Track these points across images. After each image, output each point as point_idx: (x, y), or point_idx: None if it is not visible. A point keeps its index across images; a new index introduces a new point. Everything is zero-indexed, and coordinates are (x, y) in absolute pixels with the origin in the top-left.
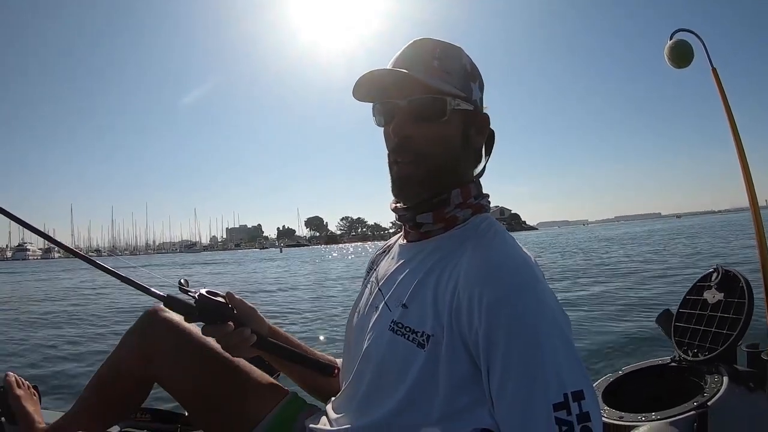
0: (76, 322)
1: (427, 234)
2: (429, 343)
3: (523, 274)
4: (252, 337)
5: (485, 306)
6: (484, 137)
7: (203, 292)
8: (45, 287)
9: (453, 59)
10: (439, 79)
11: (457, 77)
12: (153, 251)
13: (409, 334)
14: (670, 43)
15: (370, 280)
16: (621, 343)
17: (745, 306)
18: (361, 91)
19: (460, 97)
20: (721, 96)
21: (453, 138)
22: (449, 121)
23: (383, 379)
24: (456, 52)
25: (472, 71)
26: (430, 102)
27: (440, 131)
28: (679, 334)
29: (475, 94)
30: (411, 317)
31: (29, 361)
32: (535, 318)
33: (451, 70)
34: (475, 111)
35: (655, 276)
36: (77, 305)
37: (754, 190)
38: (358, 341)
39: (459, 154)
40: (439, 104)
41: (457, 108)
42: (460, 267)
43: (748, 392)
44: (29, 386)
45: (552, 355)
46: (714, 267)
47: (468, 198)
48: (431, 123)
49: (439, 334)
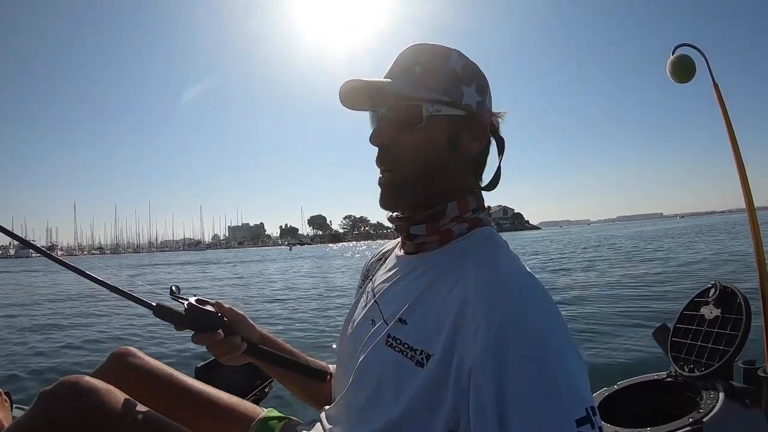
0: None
1: (422, 246)
2: (428, 363)
3: (531, 292)
4: (242, 345)
5: (492, 326)
6: (481, 143)
7: (192, 300)
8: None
9: (438, 63)
10: (417, 85)
11: (442, 81)
12: (155, 249)
13: (408, 351)
14: (672, 58)
15: (366, 290)
16: (616, 357)
17: (743, 322)
18: (346, 101)
19: (441, 102)
20: (722, 111)
21: (433, 144)
22: (427, 127)
23: (378, 395)
24: (444, 55)
25: (465, 74)
26: (403, 109)
27: (417, 138)
28: (676, 350)
29: (468, 98)
30: (409, 334)
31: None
32: (549, 334)
33: (434, 75)
34: (468, 116)
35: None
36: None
37: (752, 201)
38: (352, 353)
39: (445, 161)
40: (413, 111)
41: (437, 114)
42: (464, 285)
43: (744, 409)
44: (0, 392)
45: (570, 372)
46: (712, 282)
47: (465, 212)
48: (408, 130)
49: (440, 354)
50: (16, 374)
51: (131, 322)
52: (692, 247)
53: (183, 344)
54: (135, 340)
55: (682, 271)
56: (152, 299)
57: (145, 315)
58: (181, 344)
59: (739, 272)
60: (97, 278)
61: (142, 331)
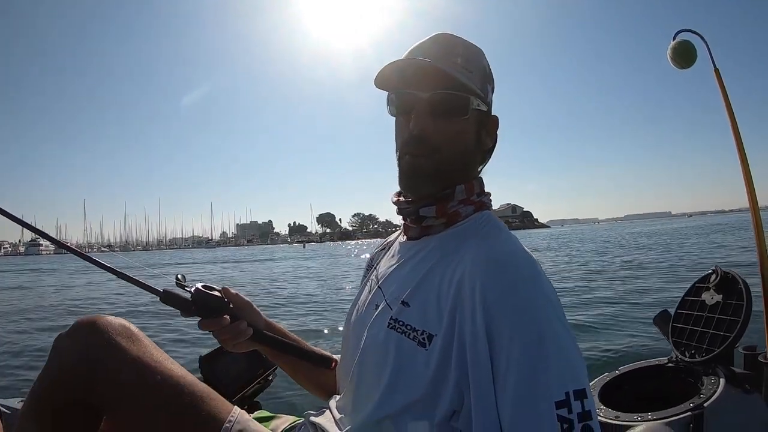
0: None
1: (428, 229)
2: (431, 343)
3: (526, 270)
4: (248, 331)
5: (488, 301)
6: (493, 140)
7: (199, 286)
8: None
9: (475, 58)
10: (465, 75)
11: (478, 77)
12: (165, 246)
13: (410, 332)
14: (673, 44)
15: (370, 278)
16: (618, 343)
17: (744, 308)
18: (383, 79)
19: (480, 96)
20: (723, 96)
21: (468, 137)
22: (469, 119)
23: (383, 377)
24: (478, 51)
25: (490, 73)
26: (453, 98)
27: (458, 129)
28: (677, 335)
29: (489, 97)
30: (412, 315)
31: None
32: (539, 313)
33: (473, 69)
34: (488, 113)
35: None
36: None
37: (754, 188)
38: (356, 339)
39: (471, 153)
40: (462, 101)
41: (476, 108)
42: (463, 265)
43: (745, 394)
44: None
45: (556, 352)
46: (713, 268)
47: (471, 194)
48: (451, 119)
49: (442, 333)
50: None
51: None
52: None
53: (188, 347)
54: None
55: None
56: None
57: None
58: (186, 346)
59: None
60: (105, 264)
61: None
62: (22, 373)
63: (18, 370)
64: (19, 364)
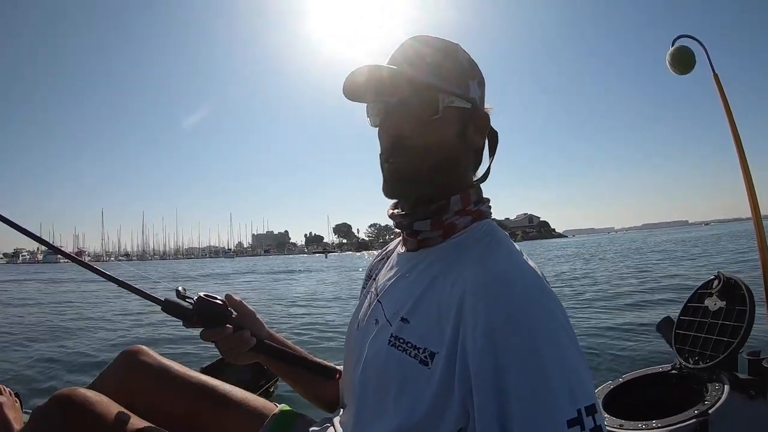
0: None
1: (425, 241)
2: (433, 361)
3: (530, 287)
4: (251, 340)
5: (492, 321)
6: (484, 137)
7: (201, 295)
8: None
9: (447, 55)
10: (431, 74)
11: (453, 73)
12: (182, 256)
13: (411, 350)
14: (671, 50)
15: (370, 290)
16: (622, 350)
17: (747, 314)
18: (350, 92)
19: (454, 93)
20: (723, 101)
21: (448, 136)
22: (443, 118)
23: (386, 396)
24: (452, 47)
25: (470, 68)
26: (420, 98)
27: (434, 129)
28: (680, 342)
29: (473, 92)
30: (412, 332)
31: (8, 366)
32: (546, 332)
33: (444, 66)
34: (473, 109)
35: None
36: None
37: (755, 192)
38: (358, 353)
39: (457, 153)
40: (429, 101)
41: (452, 105)
42: (464, 280)
43: (749, 400)
44: (11, 393)
45: (566, 370)
46: (715, 274)
47: (468, 204)
48: (422, 120)
49: (444, 351)
50: (26, 374)
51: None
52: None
53: (188, 352)
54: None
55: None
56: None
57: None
58: (187, 353)
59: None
60: (105, 273)
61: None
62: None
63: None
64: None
